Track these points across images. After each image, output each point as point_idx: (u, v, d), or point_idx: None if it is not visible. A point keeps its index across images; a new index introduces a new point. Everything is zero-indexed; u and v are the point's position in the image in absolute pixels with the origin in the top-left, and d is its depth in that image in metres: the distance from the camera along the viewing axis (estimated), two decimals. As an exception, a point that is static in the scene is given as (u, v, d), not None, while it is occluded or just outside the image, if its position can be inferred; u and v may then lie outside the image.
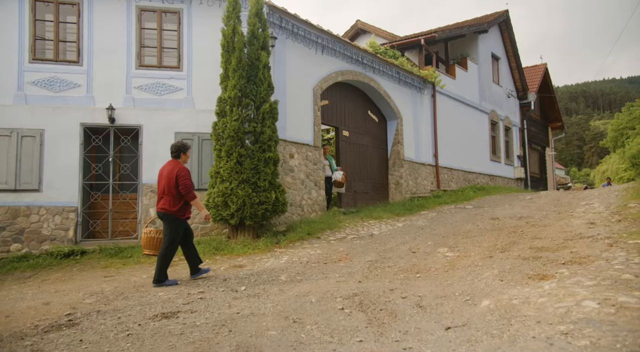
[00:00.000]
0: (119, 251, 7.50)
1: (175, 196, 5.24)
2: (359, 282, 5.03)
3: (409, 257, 6.18)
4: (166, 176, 5.27)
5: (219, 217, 7.62)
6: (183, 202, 5.33)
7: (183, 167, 5.33)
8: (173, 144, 5.51)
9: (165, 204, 5.25)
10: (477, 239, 6.96)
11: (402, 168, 12.55)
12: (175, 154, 5.45)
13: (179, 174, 5.22)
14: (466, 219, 9.27)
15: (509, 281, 4.26)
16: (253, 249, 7.30)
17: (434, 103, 13.98)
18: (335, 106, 11.29)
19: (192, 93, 8.76)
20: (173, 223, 5.30)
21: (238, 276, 5.70)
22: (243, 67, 7.79)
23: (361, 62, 11.40)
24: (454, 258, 5.80)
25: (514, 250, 5.73)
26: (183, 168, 5.32)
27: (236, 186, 7.53)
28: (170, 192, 5.24)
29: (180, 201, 5.28)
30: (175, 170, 5.25)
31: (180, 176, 5.21)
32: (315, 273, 5.70)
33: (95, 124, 8.35)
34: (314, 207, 9.78)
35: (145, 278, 5.84)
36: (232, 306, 4.26)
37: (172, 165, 5.34)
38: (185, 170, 5.31)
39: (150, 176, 8.39)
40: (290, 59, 9.59)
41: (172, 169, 5.28)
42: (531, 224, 7.70)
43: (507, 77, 18.86)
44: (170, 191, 5.25)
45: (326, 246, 7.54)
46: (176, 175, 5.22)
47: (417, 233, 8.10)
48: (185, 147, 5.49)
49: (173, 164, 5.37)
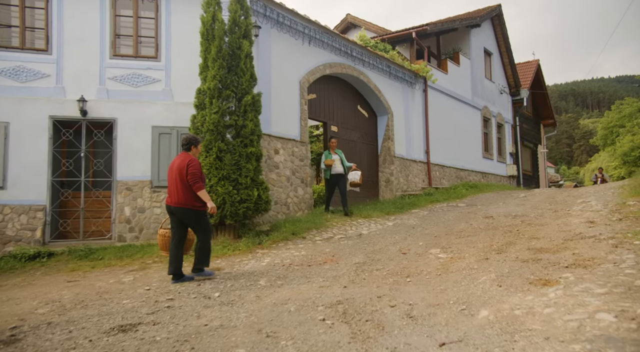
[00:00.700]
0: (90, 253, 7.00)
1: (188, 188, 5.16)
2: (344, 287, 4.60)
3: (399, 259, 5.77)
4: (177, 168, 5.19)
5: (198, 217, 7.13)
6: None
7: (194, 159, 5.28)
8: (185, 136, 5.44)
9: (181, 198, 5.14)
10: (471, 239, 6.58)
11: (392, 165, 12.15)
12: (187, 147, 5.39)
13: (189, 164, 5.16)
14: (459, 217, 8.89)
15: (509, 286, 3.86)
16: (233, 250, 6.84)
17: (426, 98, 13.60)
18: (323, 100, 10.85)
19: (171, 85, 8.26)
20: (197, 216, 5.21)
21: (213, 281, 5.24)
22: (223, 57, 7.31)
23: (350, 54, 10.96)
24: (447, 260, 5.40)
25: (511, 251, 5.35)
26: (194, 159, 5.27)
27: (216, 182, 7.06)
28: (183, 184, 5.15)
29: (193, 192, 5.20)
30: (186, 161, 5.18)
31: (190, 165, 5.15)
32: (297, 277, 5.26)
33: (66, 117, 7.81)
34: (300, 206, 9.34)
35: (112, 283, 5.36)
36: (201, 316, 3.81)
37: (182, 157, 5.27)
38: (195, 161, 5.26)
39: (126, 172, 7.88)
40: (276, 49, 9.13)
41: (182, 161, 5.22)
42: (527, 223, 7.34)
43: (500, 73, 18.56)
44: (183, 183, 5.15)
45: (312, 246, 7.10)
46: (187, 165, 5.14)
47: (408, 233, 7.70)
48: (196, 140, 5.44)
49: (183, 156, 5.30)
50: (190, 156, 5.31)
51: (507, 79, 18.92)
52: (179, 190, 5.14)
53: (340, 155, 9.14)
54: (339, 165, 9.06)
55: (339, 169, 9.04)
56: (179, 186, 5.14)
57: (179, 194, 5.14)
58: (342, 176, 9.03)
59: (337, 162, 9.04)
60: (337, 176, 9.03)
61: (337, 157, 9.12)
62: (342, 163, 9.07)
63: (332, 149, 9.25)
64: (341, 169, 9.06)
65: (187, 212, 5.16)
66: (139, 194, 7.89)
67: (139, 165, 7.94)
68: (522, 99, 18.95)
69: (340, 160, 9.09)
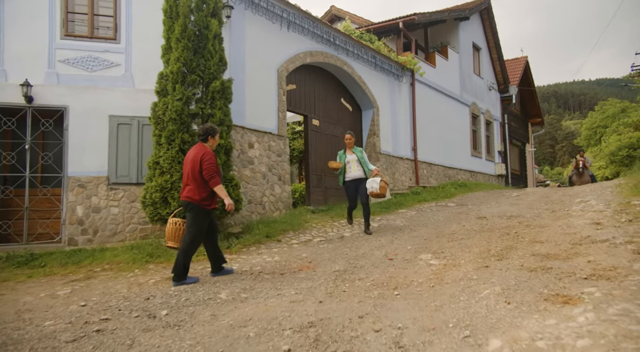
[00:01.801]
0: (31, 259, 6.08)
1: (200, 183, 4.83)
2: (319, 302, 3.83)
3: (385, 266, 5.02)
4: (191, 160, 4.86)
5: (157, 217, 6.29)
6: (210, 191, 4.89)
7: (209, 151, 4.93)
8: (201, 126, 5.09)
9: (190, 192, 4.83)
10: (465, 242, 5.87)
11: (378, 162, 11.42)
12: (203, 137, 5.03)
13: (204, 157, 4.81)
14: (450, 218, 8.20)
15: (520, 304, 3.13)
16: (197, 255, 6.00)
17: (413, 92, 12.91)
18: (304, 92, 10.06)
19: (132, 70, 7.37)
20: (198, 214, 4.84)
21: (166, 294, 4.41)
22: (189, 37, 6.47)
23: (333, 43, 10.20)
24: (440, 268, 4.66)
25: (514, 257, 4.64)
26: (209, 152, 4.92)
27: (178, 178, 6.22)
28: (195, 178, 4.82)
29: (206, 188, 4.85)
30: (201, 154, 4.83)
31: (205, 159, 4.80)
32: (266, 288, 4.47)
33: (8, 104, 6.87)
34: (277, 205, 8.53)
35: (43, 297, 4.48)
36: (135, 345, 2.99)
37: (197, 149, 4.93)
38: (211, 154, 4.90)
39: (79, 167, 6.97)
40: (251, 33, 8.31)
41: (197, 152, 4.87)
42: (525, 225, 6.67)
43: (488, 68, 18.02)
44: (195, 176, 4.82)
45: (287, 251, 6.31)
46: (201, 158, 4.80)
47: (395, 235, 6.96)
48: (214, 130, 5.07)
49: (199, 147, 4.95)
50: (206, 148, 4.94)
51: (496, 75, 18.40)
52: (189, 183, 4.84)
53: (359, 155, 7.22)
54: (355, 168, 7.14)
55: (355, 173, 7.12)
56: (189, 179, 4.84)
57: (190, 187, 4.83)
58: (362, 181, 7.12)
59: (353, 164, 7.16)
60: (355, 182, 7.15)
61: (353, 157, 7.21)
62: (361, 165, 7.18)
63: (349, 147, 7.30)
64: (360, 172, 7.13)
65: (192, 207, 4.81)
66: (94, 192, 7.00)
67: (94, 160, 7.05)
68: (511, 96, 18.44)
69: (358, 161, 7.18)
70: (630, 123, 25.38)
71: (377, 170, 7.16)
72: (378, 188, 6.84)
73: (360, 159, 7.23)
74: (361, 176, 7.15)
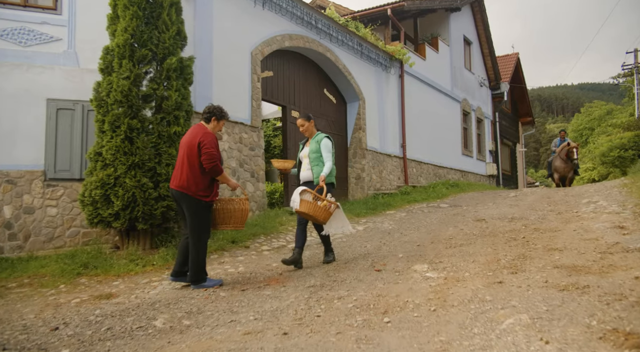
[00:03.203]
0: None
1: (197, 170, 4.05)
2: (283, 334, 2.83)
3: (371, 280, 4.04)
4: (186, 143, 4.11)
5: (97, 219, 5.22)
6: (208, 180, 4.12)
7: (209, 133, 4.15)
8: (208, 105, 4.38)
9: (184, 181, 4.05)
10: (466, 249, 4.93)
11: (364, 159, 10.47)
12: (206, 116, 4.27)
13: (202, 140, 4.03)
14: (444, 220, 7.28)
15: (564, 343, 2.18)
16: (144, 265, 4.95)
17: (402, 84, 12.00)
18: (283, 80, 9.06)
19: (76, 46, 6.27)
20: (197, 209, 4.08)
21: (86, 320, 3.36)
22: (139, 4, 5.41)
23: (315, 26, 9.22)
24: (440, 283, 3.70)
25: (532, 270, 3.71)
26: (209, 134, 4.14)
27: (124, 172, 5.16)
28: (191, 164, 4.04)
29: (203, 177, 4.08)
30: (199, 136, 4.06)
31: (204, 142, 4.02)
32: (218, 311, 3.45)
33: None
34: (250, 205, 7.48)
35: None
36: None
37: (195, 130, 4.16)
38: (211, 137, 4.13)
39: (7, 159, 5.84)
40: (220, 9, 7.29)
41: (194, 135, 4.10)
42: (532, 228, 5.77)
43: (479, 64, 17.25)
44: (191, 163, 4.04)
45: (255, 259, 5.29)
46: (199, 142, 4.03)
47: (383, 240, 6.01)
48: (221, 114, 4.31)
49: (198, 128, 4.18)
50: (206, 129, 4.18)
51: (487, 71, 17.64)
52: (183, 170, 4.07)
53: (313, 147, 4.77)
54: (306, 166, 4.82)
55: (304, 175, 4.83)
56: (185, 165, 4.06)
57: (183, 175, 4.06)
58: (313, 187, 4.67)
59: (305, 160, 4.85)
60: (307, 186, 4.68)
61: (307, 150, 4.83)
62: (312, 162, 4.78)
63: (309, 135, 4.88)
64: (309, 173, 4.79)
65: (187, 199, 4.06)
66: (26, 189, 5.88)
67: (27, 152, 5.93)
68: (503, 93, 17.71)
69: (312, 157, 4.75)
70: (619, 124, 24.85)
71: (323, 178, 4.54)
72: (299, 206, 4.33)
73: (314, 153, 4.71)
74: (310, 178, 4.77)
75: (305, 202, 4.38)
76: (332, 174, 4.87)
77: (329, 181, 4.75)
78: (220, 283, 4.22)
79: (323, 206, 4.38)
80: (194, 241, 4.12)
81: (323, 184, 4.58)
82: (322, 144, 4.78)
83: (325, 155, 4.78)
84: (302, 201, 4.40)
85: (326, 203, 4.40)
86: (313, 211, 4.36)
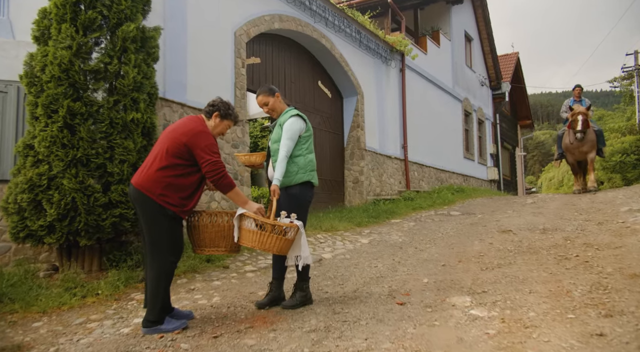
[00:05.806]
0: None
1: (167, 168, 2.84)
2: None
3: (395, 320, 2.86)
4: (170, 132, 2.94)
5: (24, 233, 3.94)
6: (190, 190, 2.92)
7: (206, 131, 2.95)
8: (215, 98, 3.16)
9: (143, 178, 2.85)
10: (509, 272, 3.78)
11: (362, 160, 9.31)
12: (207, 110, 3.07)
13: (197, 139, 2.86)
14: (462, 231, 6.13)
15: None
16: (84, 295, 3.67)
17: (403, 79, 10.90)
18: (272, 68, 7.87)
19: (10, 12, 5.01)
20: (155, 216, 2.84)
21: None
22: (87, -46, 4.18)
23: (309, 7, 8.06)
24: (501, 330, 2.53)
25: (632, 310, 2.57)
26: (206, 131, 2.95)
27: (62, 170, 3.90)
28: (161, 158, 2.86)
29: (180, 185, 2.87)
30: (195, 131, 2.89)
31: (201, 144, 2.86)
32: (171, 382, 2.22)
33: None
34: (231, 213, 6.25)
35: None
36: None
37: (190, 123, 2.96)
38: (208, 135, 2.94)
39: None
40: (196, -22, 6.08)
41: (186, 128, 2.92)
42: (580, 243, 4.66)
43: (480, 62, 16.29)
44: (163, 155, 2.86)
45: (235, 285, 4.05)
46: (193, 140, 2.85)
47: (396, 257, 4.83)
48: (228, 113, 3.08)
49: (195, 122, 2.98)
50: (204, 126, 2.98)
51: (488, 70, 16.69)
52: (149, 165, 2.90)
53: (275, 135, 3.33)
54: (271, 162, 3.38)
55: (271, 173, 3.33)
56: (155, 158, 2.89)
57: (145, 170, 2.88)
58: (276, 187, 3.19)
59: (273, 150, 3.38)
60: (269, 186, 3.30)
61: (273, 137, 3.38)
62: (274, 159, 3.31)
63: (277, 115, 3.40)
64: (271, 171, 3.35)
65: (146, 201, 2.82)
66: (-60, 193, 4.56)
67: (-56, 144, 4.63)
68: (504, 93, 16.77)
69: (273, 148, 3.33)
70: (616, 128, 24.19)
71: (274, 189, 3.11)
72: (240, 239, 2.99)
73: (276, 142, 3.28)
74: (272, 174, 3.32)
75: (247, 232, 2.93)
76: (307, 169, 3.30)
77: (301, 179, 3.26)
78: (184, 325, 2.96)
79: (273, 235, 2.90)
80: (151, 264, 2.88)
81: (274, 199, 3.09)
82: (284, 125, 3.23)
83: (282, 143, 3.18)
84: (242, 231, 2.96)
85: (280, 228, 2.92)
86: (260, 243, 2.91)
